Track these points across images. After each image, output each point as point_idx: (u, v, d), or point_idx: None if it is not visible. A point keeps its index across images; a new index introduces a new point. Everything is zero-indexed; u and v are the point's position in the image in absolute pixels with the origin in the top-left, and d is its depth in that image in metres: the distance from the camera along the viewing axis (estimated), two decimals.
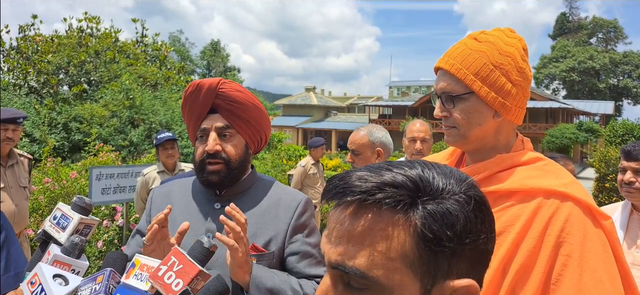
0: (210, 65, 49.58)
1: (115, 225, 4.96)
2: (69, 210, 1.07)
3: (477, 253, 0.60)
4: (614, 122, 24.98)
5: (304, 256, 1.37)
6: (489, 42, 1.11)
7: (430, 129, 3.02)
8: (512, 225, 1.01)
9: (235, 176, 1.39)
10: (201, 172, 1.37)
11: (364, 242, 0.57)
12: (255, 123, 1.43)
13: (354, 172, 0.61)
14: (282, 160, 11.54)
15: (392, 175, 0.58)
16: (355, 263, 0.57)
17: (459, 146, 1.19)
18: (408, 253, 0.56)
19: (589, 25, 58.80)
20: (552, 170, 1.10)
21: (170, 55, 22.77)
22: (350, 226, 0.58)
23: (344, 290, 0.59)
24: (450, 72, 1.11)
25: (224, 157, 1.36)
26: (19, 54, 14.47)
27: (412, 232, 0.56)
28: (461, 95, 1.10)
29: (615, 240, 1.01)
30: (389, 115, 40.57)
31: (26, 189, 3.80)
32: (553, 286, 0.96)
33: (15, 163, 3.70)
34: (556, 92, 54.97)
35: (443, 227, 0.56)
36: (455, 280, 0.58)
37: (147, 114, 10.93)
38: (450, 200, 0.58)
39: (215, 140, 1.36)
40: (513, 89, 1.10)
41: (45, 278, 0.92)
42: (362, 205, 0.58)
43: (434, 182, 0.59)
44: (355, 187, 0.58)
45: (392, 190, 0.57)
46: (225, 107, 1.37)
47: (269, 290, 1.22)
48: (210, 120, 1.38)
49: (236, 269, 1.18)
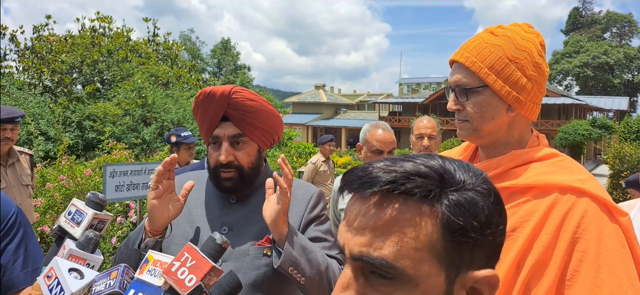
0: (220, 64, 49.75)
1: (128, 221, 5.02)
2: (83, 206, 1.09)
3: (494, 245, 0.60)
4: (628, 118, 24.59)
5: (318, 240, 1.39)
6: (506, 36, 1.10)
7: (438, 126, 2.99)
8: (527, 221, 1.00)
9: (248, 182, 1.40)
10: (215, 179, 1.39)
11: (391, 232, 0.56)
12: (268, 128, 1.42)
13: (374, 163, 0.60)
14: (292, 157, 11.57)
15: (415, 165, 0.58)
16: (381, 253, 0.56)
17: (472, 140, 1.18)
18: (434, 243, 0.56)
19: (602, 20, 57.89)
20: (568, 166, 1.08)
21: (181, 54, 22.89)
22: (375, 216, 0.57)
23: (365, 282, 0.58)
24: (465, 64, 1.10)
25: (237, 165, 1.36)
26: (33, 54, 14.68)
27: (438, 223, 0.56)
28: (475, 88, 1.10)
29: (633, 237, 1.00)
30: (399, 113, 40.36)
31: (29, 186, 3.80)
32: (568, 282, 0.95)
33: (15, 161, 3.70)
34: (569, 88, 54.23)
35: (469, 217, 0.57)
36: (476, 271, 0.59)
37: (159, 113, 11.03)
38: (472, 192, 0.58)
39: (228, 150, 1.35)
40: (528, 84, 1.09)
41: (61, 272, 0.94)
42: (387, 196, 0.57)
43: (456, 174, 0.59)
44: (380, 177, 0.57)
45: (420, 180, 0.56)
46: (237, 116, 1.35)
47: (303, 247, 1.24)
48: (222, 129, 1.36)
49: (281, 215, 1.21)
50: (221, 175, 1.36)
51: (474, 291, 0.60)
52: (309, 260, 1.24)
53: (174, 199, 1.25)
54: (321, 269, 1.26)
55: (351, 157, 20.81)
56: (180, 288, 0.88)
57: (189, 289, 0.87)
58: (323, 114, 44.81)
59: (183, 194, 1.26)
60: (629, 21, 57.18)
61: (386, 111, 42.33)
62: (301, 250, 1.23)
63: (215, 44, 53.01)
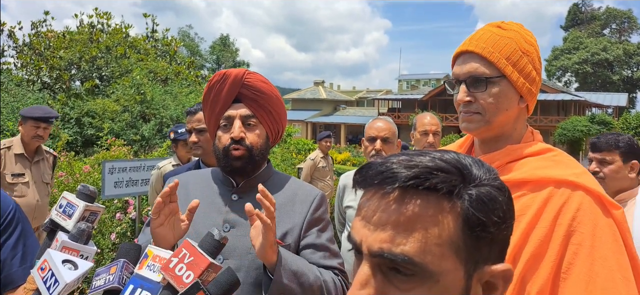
0: (219, 60, 49.69)
1: (128, 218, 5.02)
2: (74, 198, 1.08)
3: (506, 240, 0.61)
4: (627, 114, 24.62)
5: (319, 249, 1.39)
6: (514, 30, 1.13)
7: (439, 122, 3.01)
8: (523, 215, 1.01)
9: (257, 165, 1.42)
10: (225, 158, 1.39)
11: (413, 229, 0.55)
12: (276, 115, 1.46)
13: (391, 157, 0.59)
14: (292, 154, 11.57)
15: (434, 161, 0.57)
16: (403, 249, 0.55)
17: (480, 133, 1.16)
18: (454, 238, 0.56)
19: (602, 16, 57.80)
20: (563, 160, 1.10)
21: (180, 50, 22.86)
22: (396, 212, 0.56)
23: (384, 278, 0.58)
24: (482, 54, 1.10)
25: (247, 144, 1.39)
26: (31, 50, 14.64)
27: (458, 218, 0.56)
28: (492, 78, 1.10)
29: (626, 230, 1.01)
30: (398, 109, 40.35)
31: (48, 185, 3.91)
32: (563, 275, 0.96)
33: (41, 159, 3.83)
34: (568, 84, 54.19)
35: (489, 213, 0.57)
36: (492, 266, 0.59)
37: (158, 109, 11.02)
38: (489, 187, 0.58)
39: (240, 127, 1.39)
40: (537, 77, 1.13)
41: (55, 263, 0.94)
42: (408, 191, 0.56)
43: (472, 169, 0.59)
44: (402, 172, 0.56)
45: (443, 175, 0.56)
46: (250, 96, 1.41)
47: (294, 272, 1.23)
48: (234, 109, 1.41)
49: (267, 248, 1.17)
50: (232, 153, 1.38)
51: (489, 285, 0.60)
52: (301, 284, 1.24)
53: (178, 222, 1.20)
54: (314, 289, 1.27)
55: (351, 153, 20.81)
56: (177, 284, 0.88)
57: (187, 286, 0.87)
58: (322, 110, 44.77)
59: (187, 216, 1.21)
60: (628, 17, 57.11)
61: (385, 107, 42.31)
62: (292, 276, 1.23)
63: (214, 40, 52.98)
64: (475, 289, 0.59)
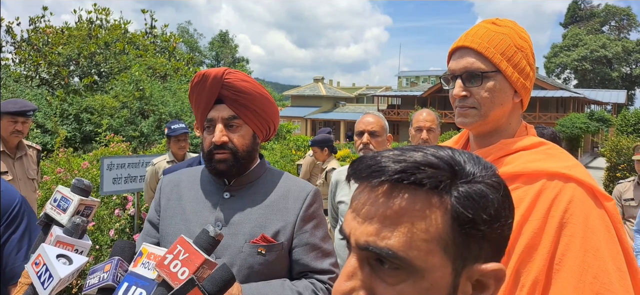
0: (218, 56, 49.62)
1: (126, 214, 5.02)
2: (69, 192, 1.07)
3: (501, 238, 0.60)
4: (625, 111, 24.64)
5: (311, 249, 1.38)
6: (508, 26, 1.15)
7: (437, 119, 2.99)
8: (516, 208, 1.01)
9: (243, 165, 1.39)
10: (209, 162, 1.38)
11: (399, 223, 0.55)
12: (263, 113, 1.42)
13: (383, 152, 0.59)
14: (291, 150, 11.56)
15: (425, 156, 0.57)
16: (388, 243, 0.55)
17: (475, 127, 1.18)
18: (442, 235, 0.55)
19: (601, 13, 57.74)
20: (555, 153, 1.11)
21: (179, 46, 22.80)
22: (384, 205, 0.56)
23: (370, 271, 0.58)
24: (477, 49, 1.12)
25: (231, 147, 1.36)
26: (30, 46, 14.61)
27: (447, 214, 0.55)
28: (487, 73, 1.11)
29: (618, 221, 1.02)
30: (398, 106, 40.30)
31: (34, 180, 3.81)
32: (557, 266, 0.97)
33: (24, 155, 3.70)
34: (567, 81, 54.20)
35: (479, 210, 0.56)
36: (483, 264, 0.58)
37: (156, 105, 11.00)
38: (482, 184, 0.58)
39: (222, 132, 1.36)
40: (531, 72, 1.15)
41: (49, 258, 0.94)
42: (397, 185, 0.56)
43: (466, 166, 0.58)
44: (390, 166, 0.56)
45: (430, 170, 0.56)
46: (231, 97, 1.36)
47: None
48: (216, 111, 1.37)
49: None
50: (215, 157, 1.36)
51: (480, 284, 0.59)
52: None
53: None
54: None
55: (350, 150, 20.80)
56: (172, 281, 0.87)
57: (182, 282, 0.86)
58: (322, 107, 44.73)
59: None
60: (627, 14, 57.06)
61: (385, 104, 42.29)
62: None
63: (213, 36, 52.89)
64: (464, 286, 0.58)
